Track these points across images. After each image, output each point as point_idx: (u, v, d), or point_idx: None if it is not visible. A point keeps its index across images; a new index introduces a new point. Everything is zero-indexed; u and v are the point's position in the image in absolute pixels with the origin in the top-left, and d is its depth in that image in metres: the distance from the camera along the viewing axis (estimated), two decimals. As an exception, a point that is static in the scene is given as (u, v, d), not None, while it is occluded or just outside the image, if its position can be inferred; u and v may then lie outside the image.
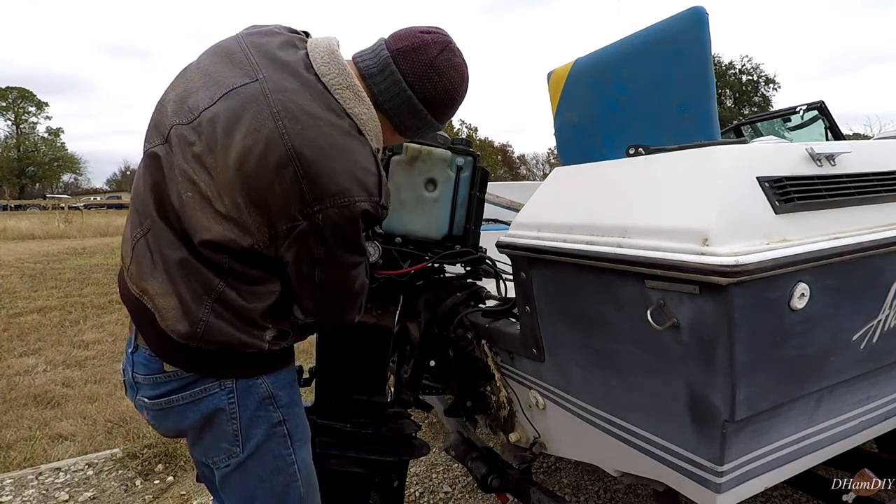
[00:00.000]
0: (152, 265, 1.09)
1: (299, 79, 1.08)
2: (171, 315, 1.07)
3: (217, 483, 1.21)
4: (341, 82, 1.10)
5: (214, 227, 1.04)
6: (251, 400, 1.15)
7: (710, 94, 1.50)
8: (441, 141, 1.78)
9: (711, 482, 1.15)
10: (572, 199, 1.42)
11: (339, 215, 1.04)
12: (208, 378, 1.13)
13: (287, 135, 1.01)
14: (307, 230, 1.04)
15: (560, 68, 1.98)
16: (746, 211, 1.06)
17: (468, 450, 2.06)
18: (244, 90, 1.06)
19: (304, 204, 1.02)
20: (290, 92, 1.06)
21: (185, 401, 1.13)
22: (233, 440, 1.15)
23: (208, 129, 1.05)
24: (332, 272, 1.11)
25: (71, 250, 13.62)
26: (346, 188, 1.03)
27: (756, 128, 3.48)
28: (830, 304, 1.13)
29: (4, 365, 4.68)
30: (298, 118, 1.03)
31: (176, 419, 1.16)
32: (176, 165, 1.08)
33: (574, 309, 1.37)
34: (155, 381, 1.14)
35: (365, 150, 1.09)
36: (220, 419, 1.14)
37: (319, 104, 1.07)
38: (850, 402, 1.34)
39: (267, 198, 1.02)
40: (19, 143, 61.99)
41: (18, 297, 7.55)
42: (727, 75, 40.44)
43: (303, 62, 1.11)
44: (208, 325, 1.07)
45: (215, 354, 1.11)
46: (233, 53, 1.13)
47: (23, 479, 2.84)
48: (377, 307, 1.80)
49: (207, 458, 1.19)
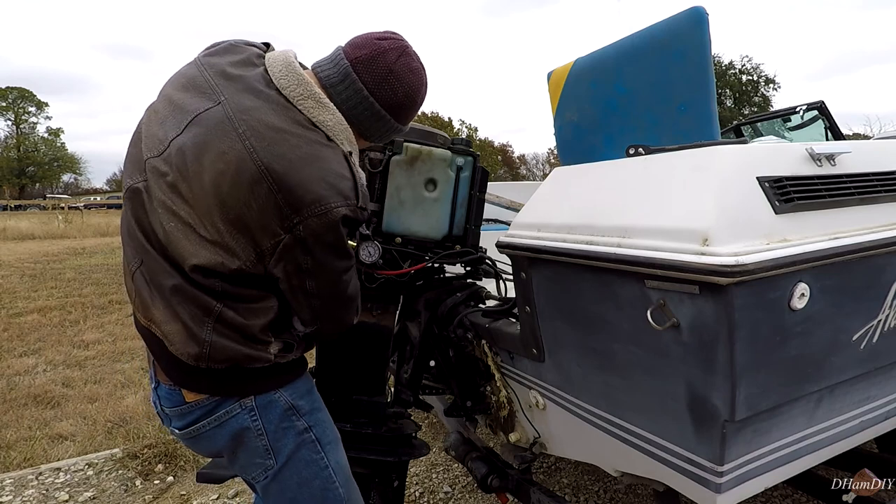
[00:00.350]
0: (151, 295, 1.12)
1: (260, 96, 1.10)
2: (179, 339, 1.10)
3: (261, 496, 1.25)
4: (302, 93, 1.12)
5: (201, 253, 1.07)
6: (273, 414, 1.19)
7: (710, 94, 1.50)
8: (441, 141, 1.78)
9: (711, 482, 1.15)
10: (572, 199, 1.42)
11: (318, 224, 1.05)
12: (228, 400, 1.16)
13: (256, 153, 1.03)
14: (291, 243, 1.06)
15: (560, 68, 1.98)
16: (746, 211, 1.06)
17: (468, 450, 2.06)
18: (208, 115, 1.08)
19: (283, 218, 1.04)
20: (253, 110, 1.07)
21: (211, 426, 1.17)
22: (265, 454, 1.19)
23: (178, 158, 1.08)
24: (323, 280, 1.13)
25: (71, 250, 13.62)
26: (322, 196, 1.05)
27: (756, 128, 3.48)
28: (830, 304, 1.13)
29: (4, 365, 4.68)
30: (264, 135, 1.05)
31: (207, 444, 1.21)
32: (154, 198, 1.10)
33: (574, 309, 1.37)
34: (181, 413, 1.18)
35: (336, 155, 1.11)
36: (249, 437, 1.18)
37: (283, 118, 1.08)
38: (850, 402, 1.34)
39: (246, 217, 1.04)
40: (19, 143, 61.98)
41: (18, 297, 7.55)
42: (727, 75, 40.43)
43: (262, 78, 1.12)
44: (212, 344, 1.10)
45: (227, 373, 1.13)
46: (194, 78, 1.15)
47: (23, 479, 2.84)
48: (377, 307, 1.80)
49: (247, 475, 1.24)
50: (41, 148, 63.44)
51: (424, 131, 1.78)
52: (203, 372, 1.13)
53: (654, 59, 1.60)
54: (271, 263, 1.08)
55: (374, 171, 1.69)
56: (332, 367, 1.76)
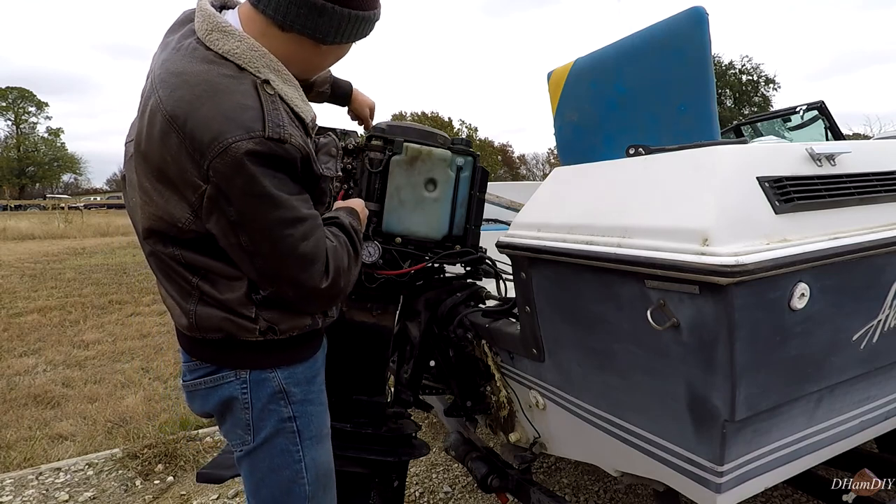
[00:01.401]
0: (155, 274, 1.20)
1: (177, 49, 1.06)
2: (176, 312, 1.16)
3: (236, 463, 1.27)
4: (208, 27, 1.05)
5: (146, 217, 1.09)
6: (263, 392, 1.18)
7: (710, 94, 1.50)
8: (441, 141, 1.78)
9: (711, 482, 1.15)
10: (572, 199, 1.42)
11: (222, 163, 0.96)
12: (224, 367, 1.19)
13: (162, 103, 1.00)
14: (213, 194, 0.99)
15: (560, 68, 1.98)
16: (746, 211, 1.06)
17: (468, 450, 2.06)
18: (147, 87, 1.08)
19: (196, 165, 0.97)
20: (165, 62, 1.05)
21: (206, 386, 1.20)
22: (245, 428, 1.20)
23: (136, 135, 1.09)
24: (256, 234, 1.02)
25: (71, 250, 13.62)
26: (220, 131, 0.96)
27: (756, 128, 3.48)
28: (830, 304, 1.13)
29: (4, 365, 4.68)
30: (169, 82, 1.01)
31: (201, 402, 1.24)
32: (129, 180, 1.16)
33: (574, 309, 1.37)
34: (188, 368, 1.24)
35: (240, 85, 1.01)
36: (236, 407, 1.19)
37: (189, 60, 1.03)
38: (850, 402, 1.34)
39: (167, 171, 1.01)
40: (19, 143, 61.98)
41: (18, 297, 7.55)
42: (727, 75, 40.44)
43: (188, 31, 1.09)
44: (196, 313, 1.12)
45: (224, 344, 1.16)
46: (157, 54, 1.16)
47: (23, 479, 2.84)
48: (377, 307, 1.80)
49: (228, 439, 1.26)
50: (41, 148, 63.45)
51: (424, 131, 1.78)
52: (201, 341, 1.17)
53: (654, 59, 1.60)
54: (204, 219, 1.03)
55: (374, 171, 1.69)
56: (332, 366, 1.76)
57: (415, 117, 51.90)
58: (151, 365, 4.68)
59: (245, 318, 1.12)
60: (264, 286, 1.11)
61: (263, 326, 1.14)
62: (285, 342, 1.18)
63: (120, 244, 15.35)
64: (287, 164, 1.03)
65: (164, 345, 5.27)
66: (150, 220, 1.08)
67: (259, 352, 1.17)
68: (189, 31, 1.09)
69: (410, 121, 5.14)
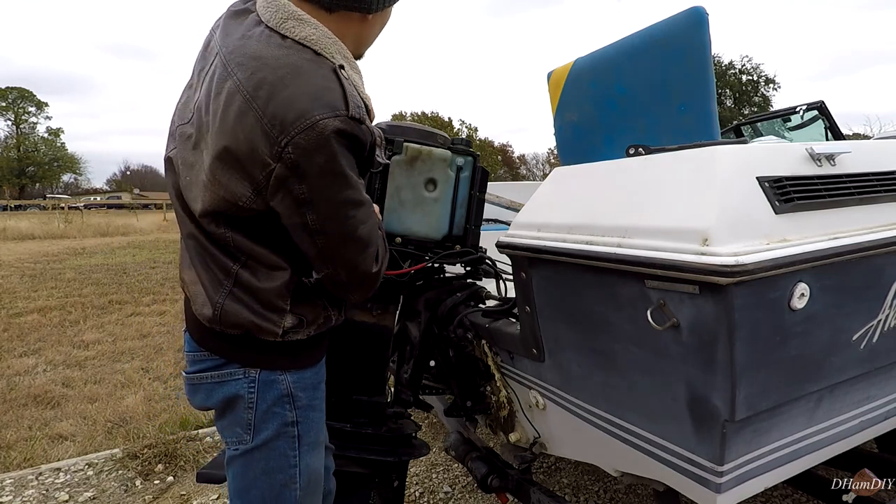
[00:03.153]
0: (188, 258, 1.19)
1: (249, 34, 1.09)
2: (199, 301, 1.15)
3: (225, 461, 1.25)
4: (281, 16, 1.08)
5: (204, 196, 1.09)
6: (270, 394, 1.18)
7: (710, 94, 1.50)
8: (441, 141, 1.78)
9: (711, 482, 1.15)
10: (572, 199, 1.42)
11: (307, 140, 0.98)
12: (234, 363, 1.18)
13: (241, 84, 1.01)
14: (283, 173, 1.00)
15: (560, 68, 1.98)
16: (746, 211, 1.06)
17: (468, 450, 2.06)
18: (212, 69, 1.11)
19: (272, 143, 0.99)
20: (240, 48, 1.07)
21: (212, 380, 1.19)
22: (245, 428, 1.19)
23: (196, 117, 1.12)
24: (324, 212, 1.04)
25: (71, 250, 13.62)
26: (305, 109, 0.98)
27: (756, 128, 3.48)
28: (830, 304, 1.13)
29: (4, 365, 4.68)
30: (248, 65, 1.03)
31: (203, 396, 1.23)
32: (181, 160, 1.16)
33: (574, 309, 1.37)
34: (193, 359, 1.22)
35: (320, 69, 1.05)
36: (239, 405, 1.18)
37: (266, 45, 1.06)
38: (850, 402, 1.34)
39: (236, 150, 1.02)
40: (19, 143, 61.99)
41: (18, 297, 7.55)
42: (727, 75, 40.44)
43: (253, 20, 1.12)
44: (224, 307, 1.12)
45: (238, 339, 1.15)
46: (207, 43, 1.19)
47: (23, 479, 2.84)
48: (377, 307, 1.80)
49: (224, 436, 1.24)
50: (41, 148, 63.47)
51: (424, 131, 1.78)
52: (217, 335, 1.16)
53: (654, 59, 1.60)
54: (270, 198, 1.04)
55: (375, 171, 1.69)
56: (332, 366, 1.76)
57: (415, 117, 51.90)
58: (151, 365, 4.68)
59: (275, 312, 1.13)
60: (319, 267, 1.13)
61: (289, 324, 1.14)
62: (298, 345, 1.18)
63: (120, 244, 15.36)
64: (360, 146, 1.06)
65: (164, 345, 5.27)
66: (211, 199, 1.07)
67: (273, 352, 1.17)
68: (253, 20, 1.11)
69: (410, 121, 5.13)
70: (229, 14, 1.17)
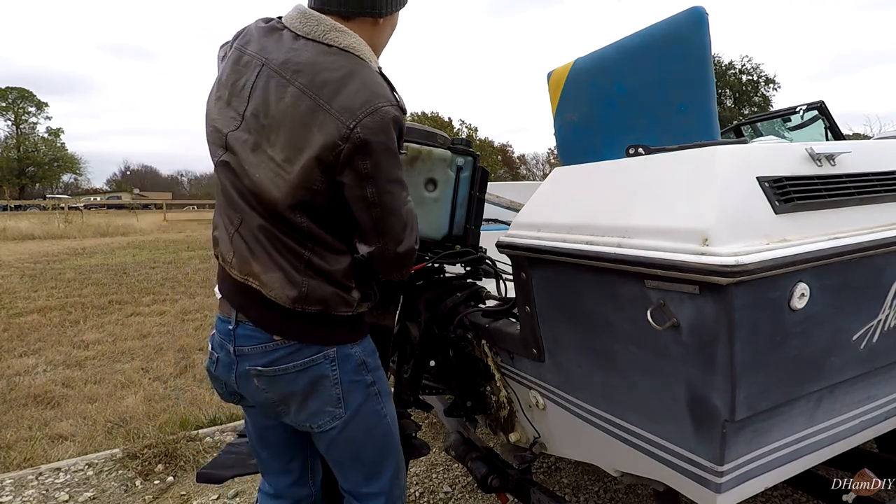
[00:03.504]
0: (250, 250, 1.26)
1: (293, 47, 1.25)
2: (278, 286, 1.24)
3: (323, 446, 1.40)
4: (323, 28, 1.24)
5: (281, 187, 1.20)
6: (348, 366, 1.33)
7: (710, 94, 1.50)
8: (441, 141, 1.78)
9: (711, 482, 1.15)
10: (572, 199, 1.42)
11: (373, 122, 1.16)
12: (311, 346, 1.29)
13: (305, 87, 1.19)
14: (351, 150, 1.16)
15: (560, 68, 1.98)
16: (746, 211, 1.06)
17: (468, 450, 2.06)
18: (259, 80, 1.25)
19: (341, 127, 1.15)
20: (292, 58, 1.23)
21: (295, 369, 1.29)
22: (336, 403, 1.33)
23: (254, 123, 1.24)
24: (380, 186, 1.21)
25: (71, 250, 13.62)
26: (368, 99, 1.17)
27: (756, 128, 3.48)
28: (830, 304, 1.13)
29: (4, 365, 4.69)
30: (305, 71, 1.20)
31: (285, 385, 1.31)
32: (244, 162, 1.25)
33: (574, 309, 1.37)
34: (265, 350, 1.29)
35: (369, 70, 1.24)
36: (325, 385, 1.31)
37: (317, 54, 1.23)
38: (850, 402, 1.34)
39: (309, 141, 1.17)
40: (19, 143, 61.98)
41: (18, 297, 7.55)
42: (727, 75, 40.43)
43: (290, 36, 1.27)
44: (309, 285, 1.24)
45: (317, 319, 1.27)
46: (238, 59, 1.30)
47: (23, 480, 2.84)
48: (377, 307, 1.80)
49: (312, 422, 1.34)
50: (41, 148, 63.46)
51: (424, 131, 1.78)
52: (297, 316, 1.25)
53: (654, 60, 1.60)
54: (338, 173, 1.19)
55: None
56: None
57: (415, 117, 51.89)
58: (151, 365, 4.68)
59: (346, 290, 1.28)
60: (372, 240, 1.26)
61: (356, 298, 1.30)
62: (359, 318, 1.35)
63: (120, 244, 15.36)
64: (402, 133, 1.25)
65: (164, 345, 5.27)
66: (289, 188, 1.19)
67: (342, 327, 1.32)
68: (290, 35, 1.27)
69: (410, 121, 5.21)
70: (262, 32, 1.31)
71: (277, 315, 1.26)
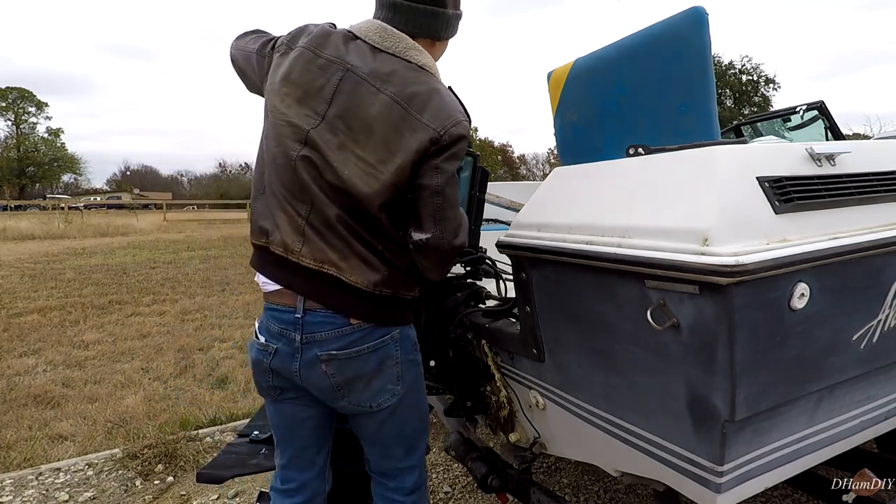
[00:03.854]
0: (326, 240, 1.33)
1: (377, 58, 1.36)
2: (359, 271, 1.33)
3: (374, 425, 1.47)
4: (404, 46, 1.37)
5: (370, 183, 1.29)
6: (406, 346, 1.45)
7: (710, 94, 1.49)
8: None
9: (711, 482, 1.15)
10: (572, 199, 1.42)
11: (456, 130, 1.32)
12: (381, 328, 1.39)
13: (395, 96, 1.31)
14: (436, 151, 1.30)
15: (560, 68, 1.98)
16: (746, 211, 1.06)
17: (468, 450, 2.06)
18: (345, 84, 1.33)
19: (431, 134, 1.29)
20: (379, 69, 1.34)
21: (367, 350, 1.38)
22: (395, 381, 1.43)
23: (339, 123, 1.32)
24: (446, 178, 1.33)
25: (71, 250, 13.62)
26: (450, 113, 1.32)
27: (756, 128, 3.47)
28: (830, 304, 1.13)
29: (4, 365, 4.69)
30: (394, 83, 1.32)
31: (358, 366, 1.38)
32: (330, 159, 1.31)
33: (574, 309, 1.37)
34: (340, 335, 1.36)
35: (445, 88, 1.39)
36: (389, 364, 1.42)
37: (401, 68, 1.35)
38: (850, 402, 1.34)
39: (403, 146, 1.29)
40: (19, 143, 61.98)
41: (18, 297, 7.55)
42: (727, 75, 40.41)
43: (368, 47, 1.38)
44: (389, 270, 1.36)
45: (388, 302, 1.38)
46: (313, 60, 1.37)
47: (23, 480, 2.84)
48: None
49: (373, 401, 1.42)
50: (41, 148, 63.45)
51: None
52: (373, 299, 1.35)
53: (654, 60, 1.60)
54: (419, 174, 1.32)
55: None
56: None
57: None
58: (151, 365, 4.68)
59: (410, 276, 1.42)
60: (430, 227, 1.34)
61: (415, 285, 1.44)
62: (414, 302, 1.47)
63: (120, 244, 15.36)
64: None
65: (164, 345, 5.27)
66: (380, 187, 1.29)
67: (406, 310, 1.45)
68: (367, 47, 1.37)
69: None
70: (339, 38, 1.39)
71: (355, 299, 1.34)
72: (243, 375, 4.37)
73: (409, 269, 1.42)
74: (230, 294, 7.76)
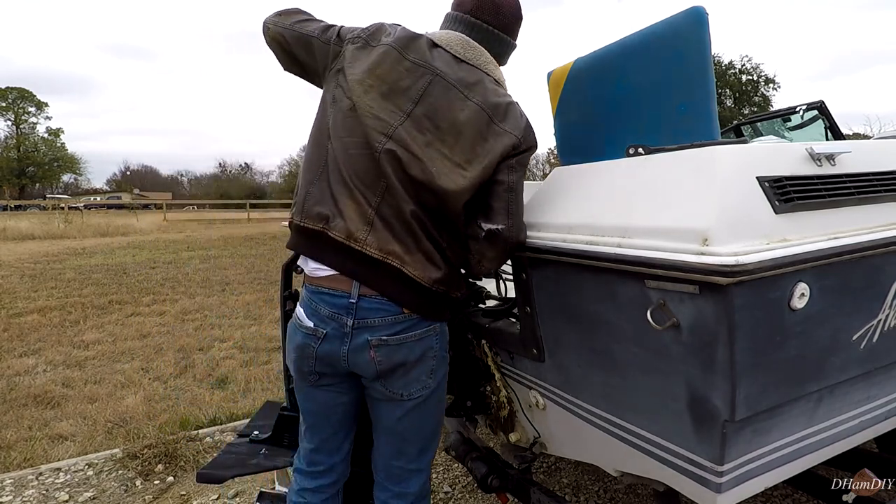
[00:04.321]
0: (393, 232, 1.37)
1: (461, 67, 1.46)
2: (420, 266, 1.38)
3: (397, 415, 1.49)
4: (484, 60, 1.49)
5: (457, 180, 1.36)
6: (443, 340, 1.52)
7: (710, 94, 1.49)
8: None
9: (711, 482, 1.15)
10: (572, 199, 1.42)
11: (531, 140, 1.45)
12: (427, 320, 1.44)
13: (482, 105, 1.41)
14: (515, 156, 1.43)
15: (560, 68, 1.98)
16: (746, 211, 1.06)
17: (468, 450, 2.06)
18: (433, 87, 1.42)
19: (514, 140, 1.41)
20: (464, 78, 1.44)
21: (414, 338, 1.43)
22: (429, 374, 1.48)
23: (426, 123, 1.39)
24: (519, 177, 1.44)
25: (71, 250, 13.62)
26: (526, 125, 1.46)
27: (756, 128, 3.47)
28: (830, 304, 1.13)
29: (4, 365, 4.69)
30: (479, 92, 1.42)
31: (404, 353, 1.42)
32: (419, 155, 1.37)
33: (574, 309, 1.37)
34: (393, 321, 1.41)
35: (515, 101, 1.48)
36: (429, 355, 1.46)
37: (486, 81, 1.46)
38: (850, 402, 1.34)
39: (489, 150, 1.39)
40: (19, 143, 61.99)
41: (18, 297, 7.55)
42: (727, 75, 40.38)
43: (450, 57, 1.47)
44: (449, 268, 1.42)
45: (439, 298, 1.43)
46: (400, 60, 1.43)
47: (23, 480, 2.84)
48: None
49: (405, 390, 1.46)
50: (41, 148, 63.47)
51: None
52: (428, 294, 1.40)
53: (654, 60, 1.60)
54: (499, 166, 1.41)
55: None
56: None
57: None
58: (151, 365, 4.68)
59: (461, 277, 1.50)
60: (502, 219, 1.40)
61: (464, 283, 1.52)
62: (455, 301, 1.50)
63: (120, 244, 15.36)
64: None
65: (164, 345, 5.27)
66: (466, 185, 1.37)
67: (450, 307, 1.50)
68: (450, 57, 1.46)
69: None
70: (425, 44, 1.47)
71: (413, 292, 1.39)
72: (243, 375, 4.38)
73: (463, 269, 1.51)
74: (230, 294, 7.76)
